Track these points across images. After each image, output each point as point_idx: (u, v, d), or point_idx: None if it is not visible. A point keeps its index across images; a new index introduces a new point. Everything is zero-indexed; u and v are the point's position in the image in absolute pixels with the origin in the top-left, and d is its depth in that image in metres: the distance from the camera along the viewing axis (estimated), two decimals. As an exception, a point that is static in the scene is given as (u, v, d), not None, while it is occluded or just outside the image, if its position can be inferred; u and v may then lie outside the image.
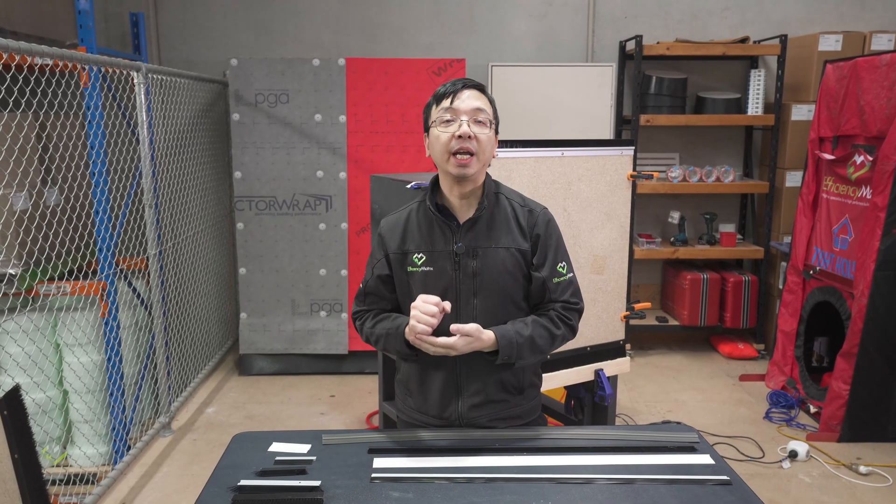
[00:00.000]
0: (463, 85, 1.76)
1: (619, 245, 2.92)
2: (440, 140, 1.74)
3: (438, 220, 1.80)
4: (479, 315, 1.78)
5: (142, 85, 3.43)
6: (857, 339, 3.50)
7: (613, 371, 2.97)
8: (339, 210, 4.41)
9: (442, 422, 1.86)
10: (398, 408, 2.00)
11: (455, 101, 1.73)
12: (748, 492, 1.55)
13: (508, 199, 1.85)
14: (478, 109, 1.73)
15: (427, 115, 1.81)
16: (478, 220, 1.79)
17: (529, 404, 1.92)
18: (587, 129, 4.66)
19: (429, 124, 1.80)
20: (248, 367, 4.56)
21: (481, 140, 1.73)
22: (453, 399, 1.84)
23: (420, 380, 1.87)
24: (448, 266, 1.79)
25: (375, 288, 1.87)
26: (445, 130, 1.73)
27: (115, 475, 3.12)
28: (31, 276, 3.03)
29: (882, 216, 3.43)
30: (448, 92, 1.75)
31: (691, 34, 4.92)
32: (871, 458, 3.38)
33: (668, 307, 5.06)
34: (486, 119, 1.75)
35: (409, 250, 1.82)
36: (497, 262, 1.79)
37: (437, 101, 1.78)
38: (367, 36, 4.94)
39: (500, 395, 1.84)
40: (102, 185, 3.17)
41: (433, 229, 1.81)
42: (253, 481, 1.57)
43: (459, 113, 1.73)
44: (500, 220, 1.81)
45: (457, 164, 1.72)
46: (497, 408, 1.85)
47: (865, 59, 3.63)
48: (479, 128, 1.73)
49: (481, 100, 1.76)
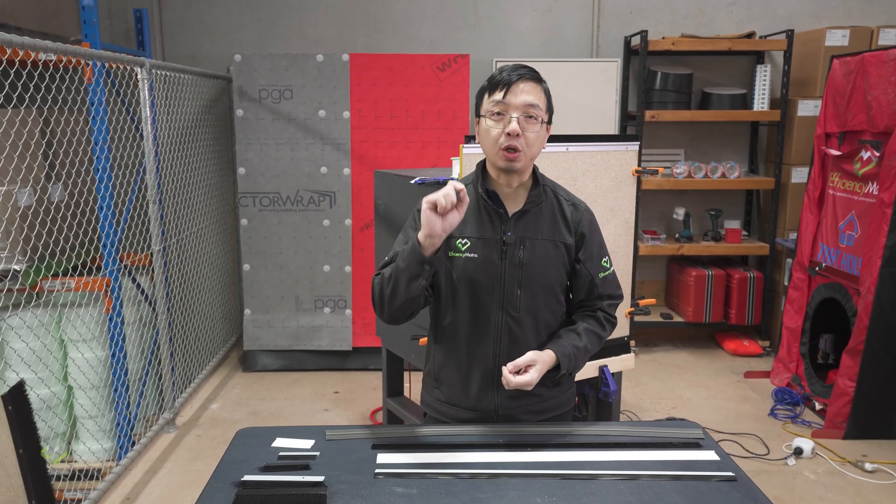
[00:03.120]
0: (519, 77, 1.71)
1: (623, 240, 2.91)
2: (490, 134, 1.72)
3: (488, 207, 1.78)
4: (521, 306, 1.78)
5: (145, 81, 3.43)
6: (863, 335, 3.48)
7: (618, 367, 2.96)
8: (342, 206, 4.41)
9: (476, 413, 1.84)
10: (424, 401, 1.97)
11: (508, 95, 1.70)
12: (753, 488, 1.54)
13: (554, 192, 1.85)
14: (530, 105, 1.70)
15: (479, 101, 1.78)
16: (528, 212, 1.79)
17: (564, 395, 1.93)
18: (592, 124, 4.64)
19: (480, 111, 1.77)
20: (252, 363, 4.56)
21: (529, 138, 1.71)
22: (490, 390, 1.82)
23: (457, 369, 1.85)
24: (494, 255, 1.77)
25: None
26: (496, 125, 1.71)
27: (119, 471, 3.12)
28: (35, 272, 3.04)
29: (889, 212, 3.41)
30: (503, 83, 1.71)
31: (697, 29, 4.89)
32: (876, 455, 3.37)
33: (673, 304, 5.05)
34: (539, 114, 1.71)
35: (453, 234, 1.77)
36: (543, 253, 1.79)
37: (490, 91, 1.74)
38: (371, 31, 4.93)
39: (537, 388, 1.82)
40: (106, 181, 3.17)
41: (480, 216, 1.79)
42: (256, 476, 1.57)
43: (511, 108, 1.69)
44: (546, 212, 1.81)
45: (505, 159, 1.71)
46: (532, 400, 1.85)
47: (873, 54, 3.60)
48: (530, 124, 1.71)
49: (535, 93, 1.72)
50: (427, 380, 1.96)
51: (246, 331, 4.51)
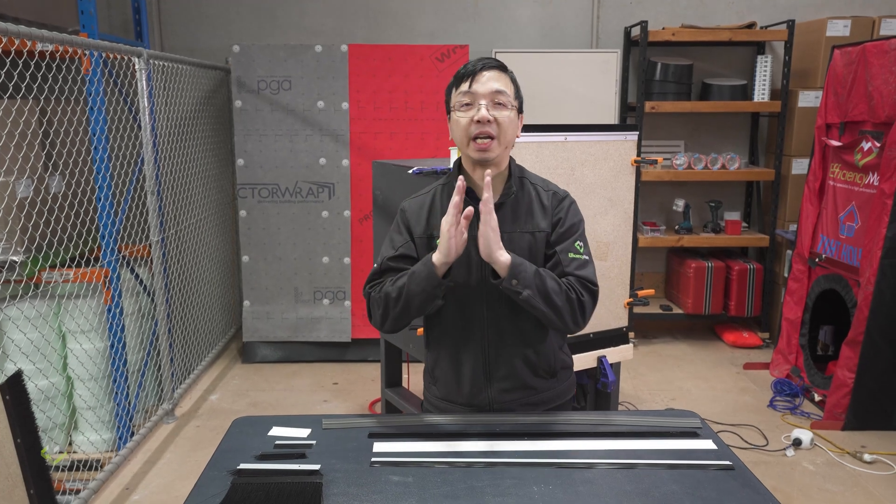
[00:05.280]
0: (482, 66, 1.71)
1: (622, 231, 2.90)
2: (460, 125, 1.72)
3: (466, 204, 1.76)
4: (505, 300, 1.76)
5: (143, 71, 3.42)
6: (863, 327, 3.48)
7: (616, 358, 2.96)
8: (341, 198, 4.40)
9: (473, 409, 1.85)
10: (425, 398, 1.98)
11: (474, 84, 1.70)
12: (751, 477, 1.54)
13: (533, 183, 1.84)
14: (497, 91, 1.69)
15: (448, 97, 1.78)
16: (503, 204, 1.78)
17: (562, 386, 1.91)
18: (592, 116, 4.63)
19: (450, 107, 1.77)
20: (251, 354, 4.57)
21: (502, 123, 1.70)
22: (484, 385, 1.83)
23: (449, 366, 1.85)
24: (474, 251, 1.76)
25: (397, 264, 1.78)
26: (465, 115, 1.71)
27: (118, 461, 3.13)
28: (33, 263, 3.03)
29: (889, 203, 3.40)
30: (467, 74, 1.71)
31: (697, 20, 4.87)
32: (875, 446, 3.37)
33: (673, 296, 5.04)
34: (507, 101, 1.71)
35: (434, 234, 1.78)
36: (523, 246, 1.77)
37: (456, 84, 1.74)
38: (370, 22, 4.91)
39: (531, 379, 1.83)
40: (105, 172, 3.16)
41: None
42: (252, 465, 1.57)
43: (478, 97, 1.69)
44: (524, 203, 1.80)
45: (477, 149, 1.71)
46: (527, 392, 1.84)
47: (874, 44, 3.58)
48: (499, 110, 1.70)
49: (501, 80, 1.72)
50: (425, 377, 1.98)
51: (245, 322, 4.51)
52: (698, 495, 1.46)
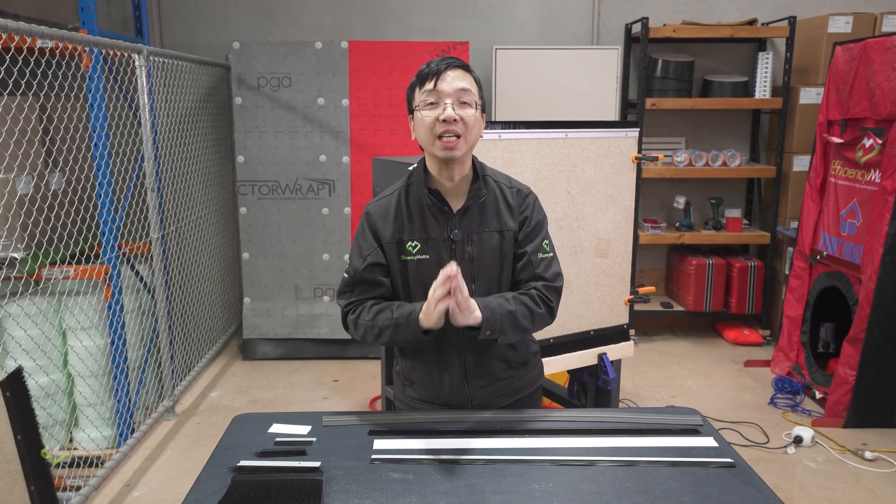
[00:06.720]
0: (447, 65, 1.70)
1: (623, 228, 2.90)
2: (425, 123, 1.70)
3: (431, 206, 1.76)
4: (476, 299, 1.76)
5: (143, 68, 3.41)
6: (865, 324, 3.47)
7: (617, 355, 2.95)
8: (341, 194, 4.39)
9: (451, 408, 1.86)
10: (398, 398, 1.97)
11: (439, 83, 1.68)
12: (752, 474, 1.53)
13: (496, 181, 1.84)
14: (462, 90, 1.69)
15: (410, 96, 1.77)
16: (470, 206, 1.78)
17: (531, 374, 1.94)
18: (592, 113, 4.61)
19: (413, 106, 1.75)
20: (251, 351, 4.57)
21: (467, 122, 1.69)
22: (462, 386, 1.84)
23: (426, 371, 1.85)
24: (444, 253, 1.76)
25: (369, 275, 1.78)
26: (430, 114, 1.69)
27: (119, 458, 3.13)
28: (34, 259, 3.03)
29: (891, 200, 3.39)
30: (431, 73, 1.70)
31: (698, 16, 4.86)
32: (876, 443, 3.37)
33: (673, 293, 5.04)
34: (472, 100, 1.70)
35: (403, 238, 1.78)
36: (492, 245, 1.78)
37: (420, 83, 1.73)
38: (370, 19, 4.90)
39: (505, 372, 1.86)
40: (105, 169, 3.16)
41: (425, 215, 1.78)
42: (253, 462, 1.57)
43: (443, 95, 1.68)
44: (490, 203, 1.80)
45: (443, 147, 1.69)
46: (502, 384, 1.87)
47: (876, 41, 3.57)
48: (465, 109, 1.69)
49: (466, 79, 1.71)
50: (398, 378, 1.96)
51: (245, 319, 4.51)
52: (699, 492, 1.45)
